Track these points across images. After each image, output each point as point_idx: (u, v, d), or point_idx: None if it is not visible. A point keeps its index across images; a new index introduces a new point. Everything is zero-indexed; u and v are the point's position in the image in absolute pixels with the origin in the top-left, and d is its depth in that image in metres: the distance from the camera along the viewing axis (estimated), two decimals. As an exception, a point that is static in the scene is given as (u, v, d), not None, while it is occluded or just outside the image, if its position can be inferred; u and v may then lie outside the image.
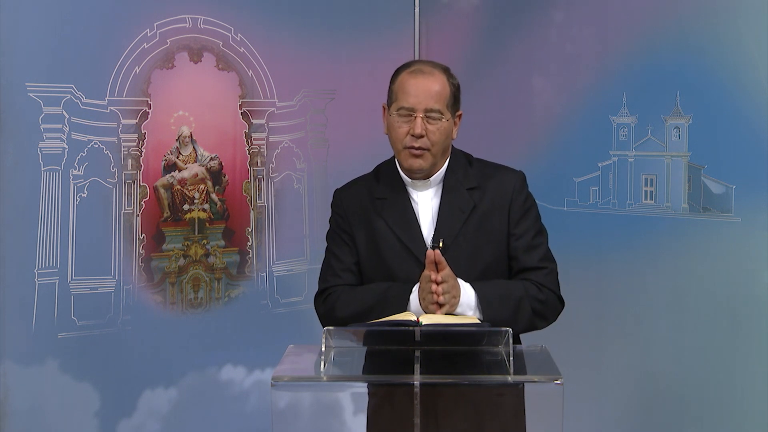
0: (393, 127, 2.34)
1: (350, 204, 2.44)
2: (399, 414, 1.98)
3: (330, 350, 2.05)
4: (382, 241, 2.36)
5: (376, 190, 2.42)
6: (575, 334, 3.35)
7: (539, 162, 3.56)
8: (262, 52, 3.54)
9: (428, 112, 2.29)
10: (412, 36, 3.89)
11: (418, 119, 2.28)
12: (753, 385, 3.02)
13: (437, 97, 2.30)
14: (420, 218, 2.37)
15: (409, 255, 2.34)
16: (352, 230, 2.41)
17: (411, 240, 2.35)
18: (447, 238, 2.33)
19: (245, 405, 3.53)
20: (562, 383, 1.88)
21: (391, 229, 2.36)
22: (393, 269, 2.35)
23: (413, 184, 2.39)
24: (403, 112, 2.31)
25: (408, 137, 2.31)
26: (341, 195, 2.48)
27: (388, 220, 2.37)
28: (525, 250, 2.37)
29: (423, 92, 2.29)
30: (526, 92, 3.66)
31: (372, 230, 2.38)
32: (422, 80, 2.31)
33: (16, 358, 3.02)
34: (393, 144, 2.36)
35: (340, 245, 2.44)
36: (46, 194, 3.08)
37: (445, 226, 2.34)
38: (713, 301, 3.12)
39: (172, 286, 3.38)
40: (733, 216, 3.08)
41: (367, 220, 2.40)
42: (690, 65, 3.16)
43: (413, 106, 2.29)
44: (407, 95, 2.30)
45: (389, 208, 2.38)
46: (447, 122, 2.32)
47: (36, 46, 3.02)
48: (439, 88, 2.31)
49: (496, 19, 3.74)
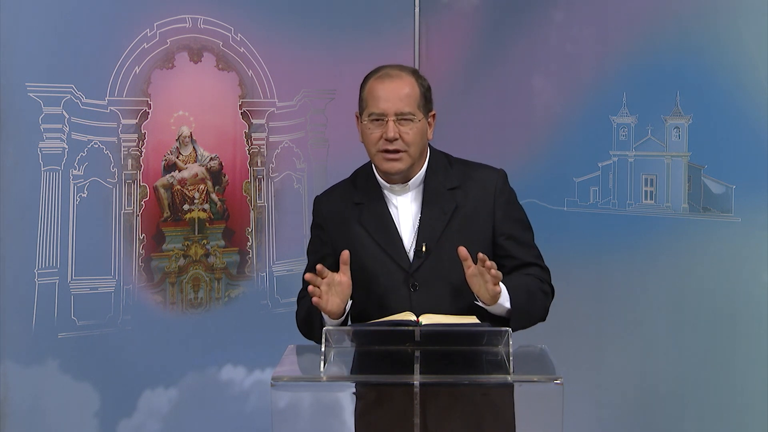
0: (366, 133, 2.32)
1: (329, 211, 2.43)
2: (398, 414, 1.98)
3: (330, 350, 2.05)
4: (361, 248, 2.33)
5: (354, 195, 2.40)
6: (575, 334, 3.36)
7: (539, 162, 3.56)
8: (262, 52, 3.54)
9: (399, 115, 2.28)
10: (412, 36, 3.89)
11: (390, 123, 2.27)
12: (753, 385, 3.02)
13: (407, 99, 2.29)
14: (400, 223, 2.35)
15: (390, 260, 2.32)
16: (330, 237, 2.40)
17: (390, 245, 2.32)
18: (429, 242, 2.30)
19: (245, 405, 3.53)
20: (562, 383, 1.88)
21: (371, 236, 2.34)
22: (376, 274, 2.32)
23: (392, 188, 2.36)
24: (374, 117, 2.29)
25: (381, 141, 2.29)
26: (320, 202, 2.47)
27: (367, 226, 2.35)
28: (518, 247, 2.35)
29: (392, 96, 2.28)
30: (526, 92, 3.66)
31: (351, 237, 2.36)
32: (390, 84, 2.30)
33: (16, 358, 3.02)
34: (368, 150, 2.34)
35: (314, 254, 2.43)
36: (46, 194, 3.08)
37: (426, 229, 2.32)
38: (713, 301, 3.12)
39: (172, 286, 3.38)
40: (733, 216, 3.08)
41: (346, 226, 2.38)
42: (690, 65, 3.16)
43: (384, 111, 2.28)
44: (377, 100, 2.29)
45: (367, 214, 2.36)
46: (420, 122, 2.31)
47: (36, 46, 3.03)
48: (408, 90, 2.30)
49: (496, 19, 3.74)
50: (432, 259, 2.29)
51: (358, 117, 2.38)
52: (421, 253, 2.30)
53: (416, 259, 2.31)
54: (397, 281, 2.30)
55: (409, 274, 2.30)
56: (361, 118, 2.34)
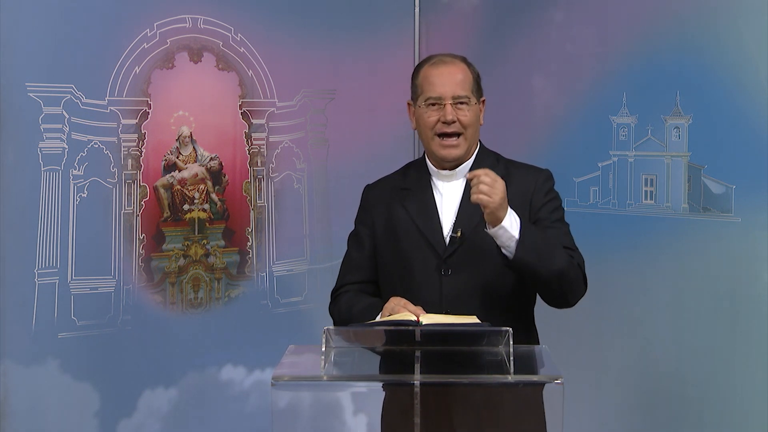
0: (422, 118, 2.37)
1: (376, 196, 2.49)
2: (399, 414, 1.98)
3: (330, 350, 2.05)
4: (401, 230, 2.39)
5: (403, 182, 2.46)
6: (575, 334, 3.35)
7: (539, 162, 3.54)
8: (262, 52, 3.54)
9: (456, 98, 2.34)
10: (412, 36, 3.89)
11: (448, 106, 2.33)
12: (753, 385, 3.02)
13: (462, 83, 2.36)
14: (442, 209, 2.39)
15: (427, 245, 2.35)
16: (372, 221, 2.45)
17: (429, 229, 2.36)
18: (466, 229, 2.33)
19: (245, 405, 3.53)
20: (562, 383, 1.88)
21: (411, 218, 2.39)
22: (409, 258, 2.37)
23: (439, 174, 2.41)
24: (431, 102, 2.35)
25: (439, 124, 2.35)
26: (369, 188, 2.54)
27: (409, 209, 2.40)
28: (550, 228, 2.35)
29: (448, 81, 2.35)
30: (526, 92, 3.66)
31: (392, 219, 2.41)
32: (445, 69, 2.37)
33: (16, 358, 3.02)
34: (423, 135, 2.40)
35: (356, 241, 2.48)
36: (46, 194, 3.08)
37: (464, 217, 2.35)
38: (713, 301, 3.12)
39: (172, 286, 3.38)
40: (733, 216, 3.08)
41: (389, 209, 2.43)
42: (690, 65, 3.16)
43: (441, 95, 2.34)
44: (433, 86, 2.35)
45: (412, 198, 2.42)
46: (475, 106, 2.37)
47: (36, 46, 3.03)
48: (462, 76, 2.37)
49: (496, 19, 3.74)
50: (465, 246, 2.32)
51: (410, 105, 2.43)
52: (455, 240, 2.33)
53: (450, 245, 2.34)
54: (429, 265, 2.34)
55: (442, 260, 2.33)
56: (416, 105, 2.39)
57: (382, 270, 2.44)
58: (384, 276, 2.44)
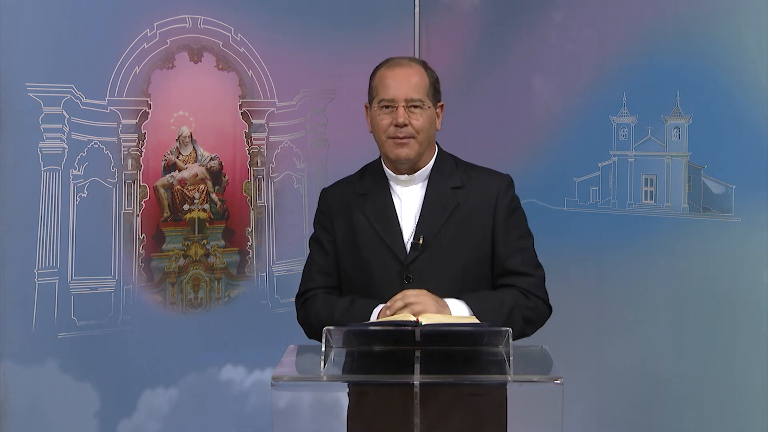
0: (376, 121, 2.35)
1: (334, 201, 2.45)
2: (398, 414, 1.98)
3: (330, 350, 2.05)
4: (360, 236, 2.36)
5: (360, 186, 2.43)
6: (575, 334, 3.35)
7: (539, 162, 3.57)
8: (262, 52, 3.54)
9: (409, 101, 2.31)
10: (412, 36, 3.89)
11: (400, 109, 2.30)
12: (753, 385, 3.02)
13: (416, 87, 2.32)
14: (402, 214, 2.37)
15: (387, 250, 2.33)
16: (332, 226, 2.42)
17: (389, 235, 2.34)
18: (427, 235, 2.32)
19: (245, 405, 3.53)
20: (562, 383, 1.88)
21: (371, 224, 2.36)
22: (371, 264, 2.34)
23: (397, 179, 2.39)
24: (385, 104, 2.32)
25: (391, 128, 2.31)
26: (326, 193, 2.50)
27: (368, 214, 2.37)
28: (510, 253, 2.35)
29: (402, 83, 2.32)
30: (526, 92, 3.66)
31: (352, 225, 2.38)
32: (400, 72, 2.34)
33: (16, 358, 3.02)
34: (377, 137, 2.37)
35: (318, 246, 2.45)
36: (46, 194, 3.08)
37: (426, 223, 2.33)
38: (713, 301, 3.12)
39: (172, 286, 3.38)
40: (733, 216, 3.08)
41: (349, 215, 2.40)
42: (690, 65, 3.16)
43: (393, 97, 2.31)
44: (387, 88, 2.32)
45: (371, 203, 2.39)
46: (429, 110, 2.33)
47: (36, 46, 3.03)
48: (417, 79, 2.33)
49: (496, 19, 3.74)
50: (428, 253, 2.30)
51: (367, 107, 2.40)
52: (417, 246, 2.31)
53: (412, 251, 2.32)
54: (391, 272, 2.32)
55: (404, 266, 2.32)
56: (371, 107, 2.37)
57: (343, 276, 2.41)
58: (346, 282, 2.41)
